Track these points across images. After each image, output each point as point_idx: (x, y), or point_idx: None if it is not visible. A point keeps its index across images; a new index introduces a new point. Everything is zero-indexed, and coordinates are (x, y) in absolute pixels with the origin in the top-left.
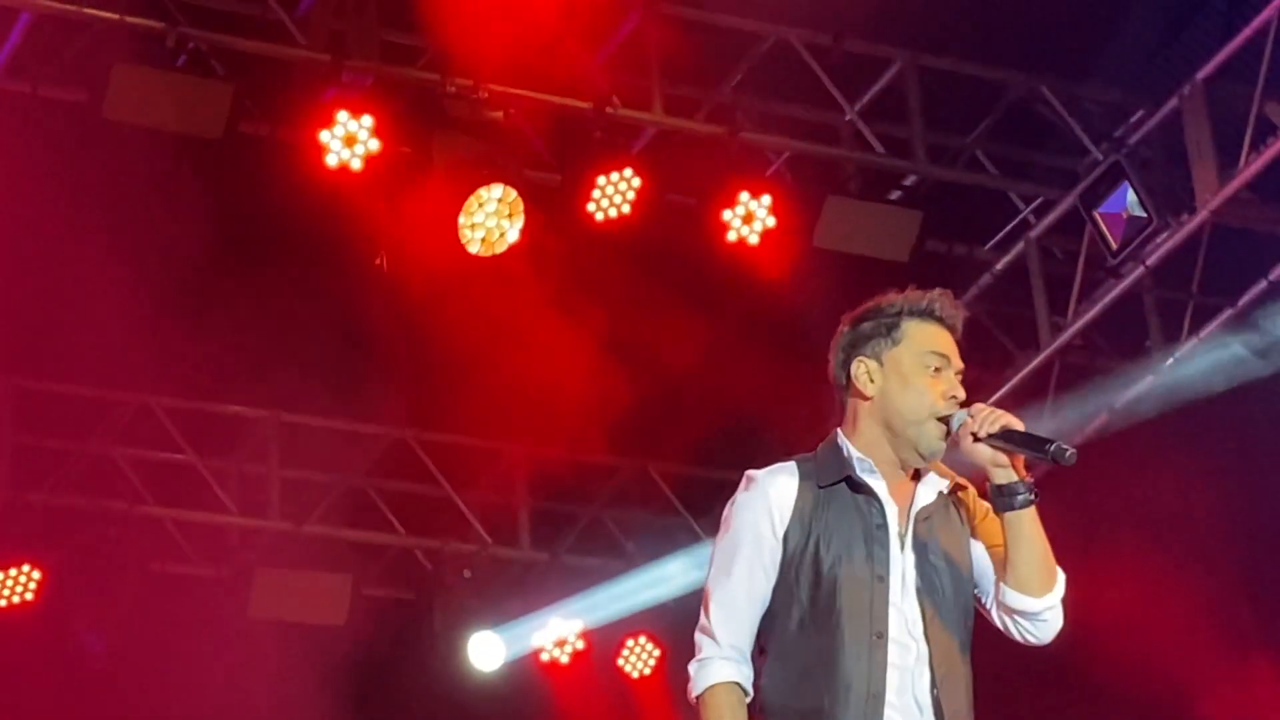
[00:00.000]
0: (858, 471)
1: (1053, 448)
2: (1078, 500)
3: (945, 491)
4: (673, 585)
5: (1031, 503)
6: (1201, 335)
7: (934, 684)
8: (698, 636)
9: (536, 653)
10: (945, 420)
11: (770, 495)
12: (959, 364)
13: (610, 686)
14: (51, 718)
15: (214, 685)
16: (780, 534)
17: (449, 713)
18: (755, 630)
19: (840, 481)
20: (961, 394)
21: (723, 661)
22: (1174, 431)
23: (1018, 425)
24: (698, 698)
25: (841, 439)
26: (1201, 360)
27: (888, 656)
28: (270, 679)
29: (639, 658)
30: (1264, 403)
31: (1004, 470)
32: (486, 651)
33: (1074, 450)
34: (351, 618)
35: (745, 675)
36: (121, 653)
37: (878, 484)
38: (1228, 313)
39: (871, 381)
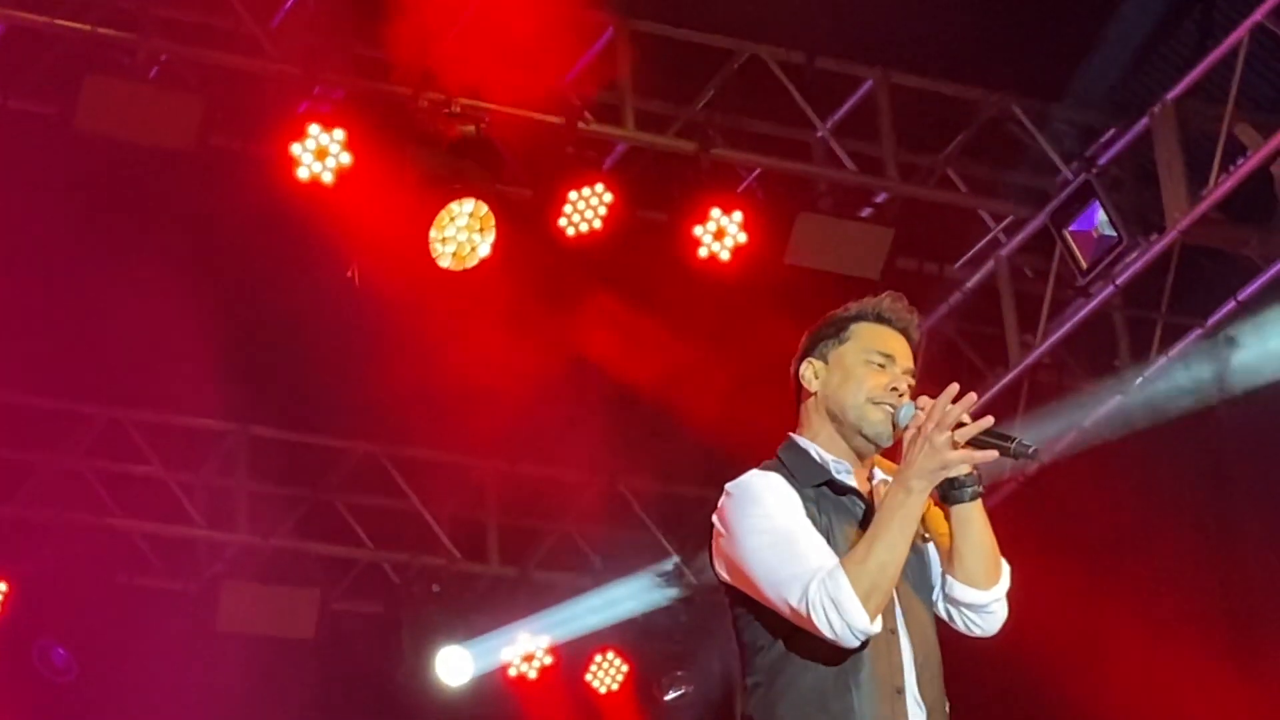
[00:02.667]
0: (835, 473)
1: (1015, 444)
2: (1046, 517)
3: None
4: (641, 601)
5: (980, 495)
6: (1170, 354)
7: (918, 673)
8: (794, 592)
9: (504, 668)
10: (886, 407)
11: (775, 485)
12: (908, 364)
13: (578, 702)
14: None
15: (181, 699)
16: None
17: None
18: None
19: (823, 484)
20: (904, 387)
21: (816, 571)
22: (1143, 449)
23: (967, 420)
24: (855, 601)
25: (804, 443)
26: (1170, 379)
27: (902, 654)
28: (238, 693)
29: (607, 673)
30: (1233, 420)
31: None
32: (454, 666)
33: (1036, 446)
34: (319, 632)
35: None
36: (88, 666)
37: (856, 484)
38: (1197, 332)
39: (815, 378)
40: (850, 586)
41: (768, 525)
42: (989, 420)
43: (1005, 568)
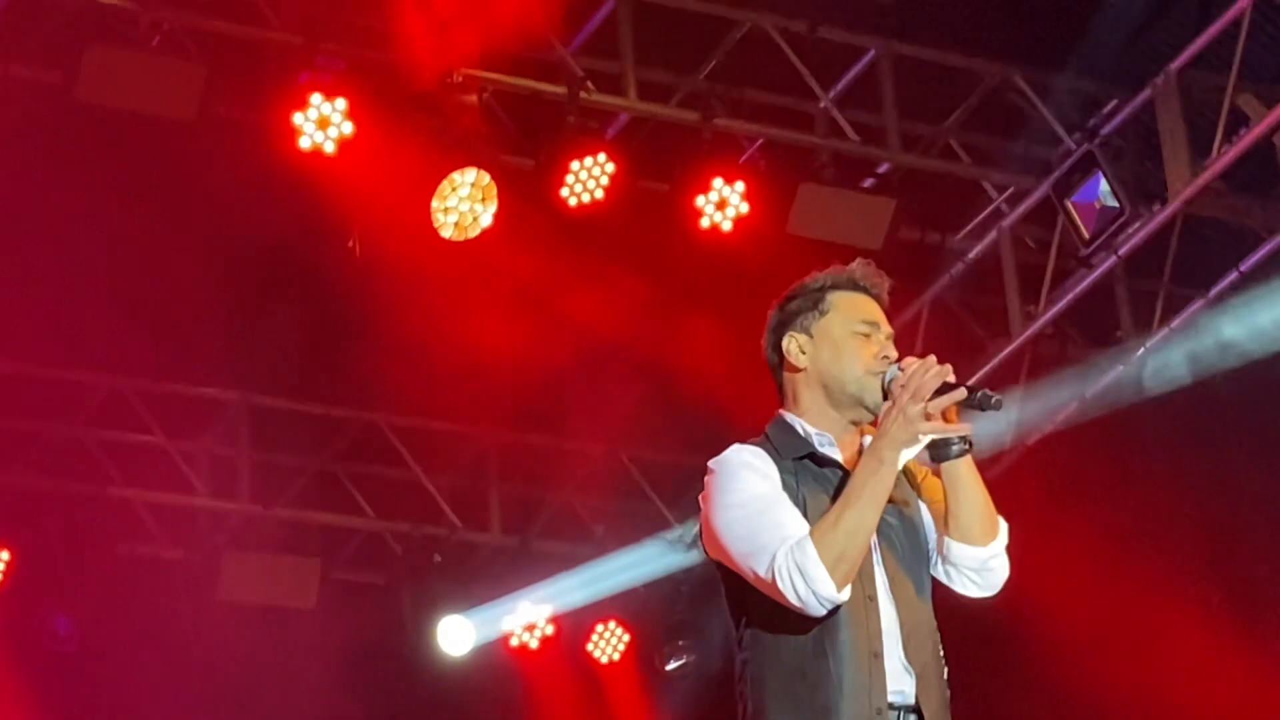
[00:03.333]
0: (818, 445)
1: (979, 395)
2: (1048, 486)
3: None
4: (642, 571)
5: (967, 452)
6: (1173, 325)
7: (904, 641)
8: (763, 561)
9: (506, 637)
10: (880, 377)
11: (754, 459)
12: (888, 329)
13: (579, 671)
14: (19, 699)
15: (183, 668)
16: (781, 489)
17: (417, 697)
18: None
19: (804, 457)
20: (894, 354)
21: (786, 541)
22: (1144, 420)
23: (949, 378)
24: (820, 569)
25: (791, 418)
26: (1172, 350)
27: (881, 621)
28: (239, 662)
29: (608, 643)
30: (1233, 392)
31: (938, 422)
32: (456, 636)
33: (1000, 397)
34: (320, 601)
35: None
36: (90, 634)
37: (838, 456)
38: (1199, 303)
39: (803, 353)
40: (817, 555)
41: (741, 498)
42: (961, 392)
43: (1003, 525)
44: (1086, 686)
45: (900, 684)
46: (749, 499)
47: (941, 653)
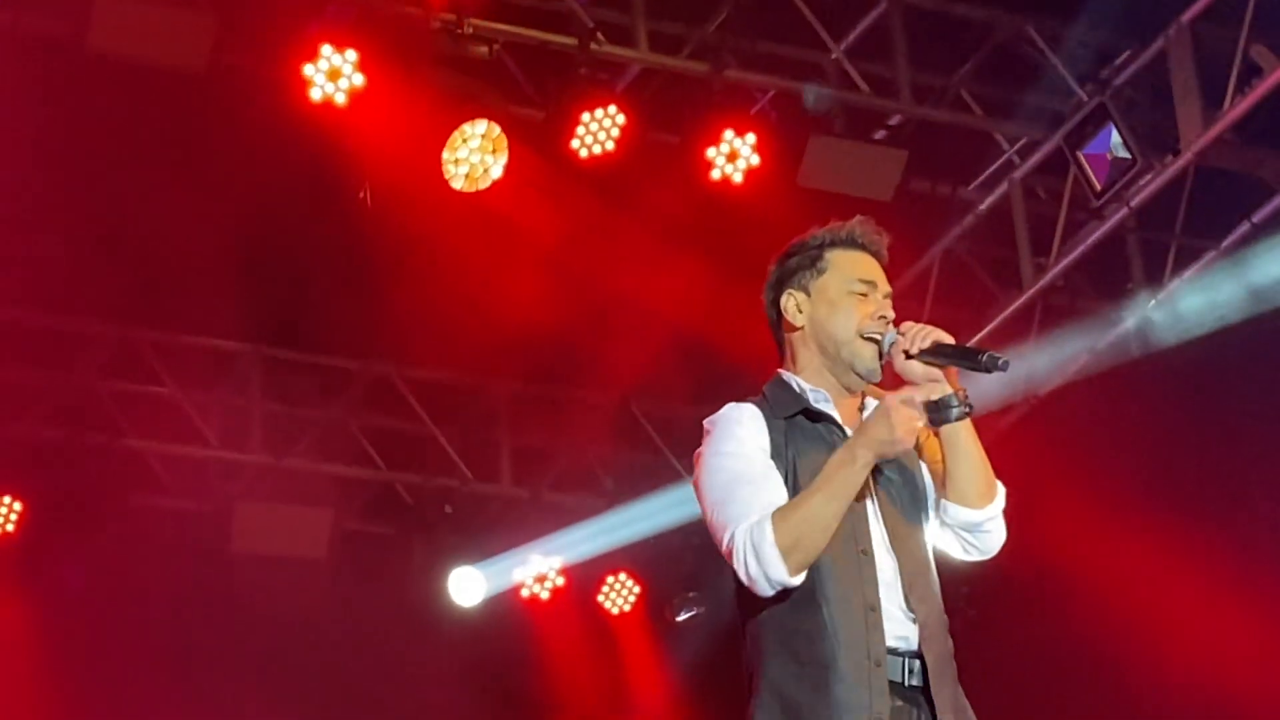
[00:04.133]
0: (813, 401)
1: (984, 357)
2: (1059, 439)
3: None
4: (653, 523)
5: (966, 415)
6: (1184, 277)
7: (905, 593)
8: (726, 539)
9: (517, 588)
10: (874, 340)
11: (744, 418)
12: (887, 287)
13: (590, 622)
14: (30, 649)
15: (194, 618)
16: (766, 449)
17: (428, 647)
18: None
19: (799, 413)
20: (891, 314)
21: (753, 514)
22: (1154, 371)
23: (948, 340)
24: (774, 556)
25: (787, 376)
26: (1185, 301)
27: (877, 573)
28: (250, 613)
29: (619, 594)
30: (1246, 344)
31: (939, 385)
32: (467, 587)
33: (1006, 358)
34: (332, 552)
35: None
36: (102, 585)
37: (833, 412)
38: (1211, 254)
39: (800, 311)
40: (773, 538)
41: (719, 465)
42: (945, 388)
43: (1000, 489)
44: (1094, 635)
45: (904, 633)
46: (726, 467)
47: (942, 607)
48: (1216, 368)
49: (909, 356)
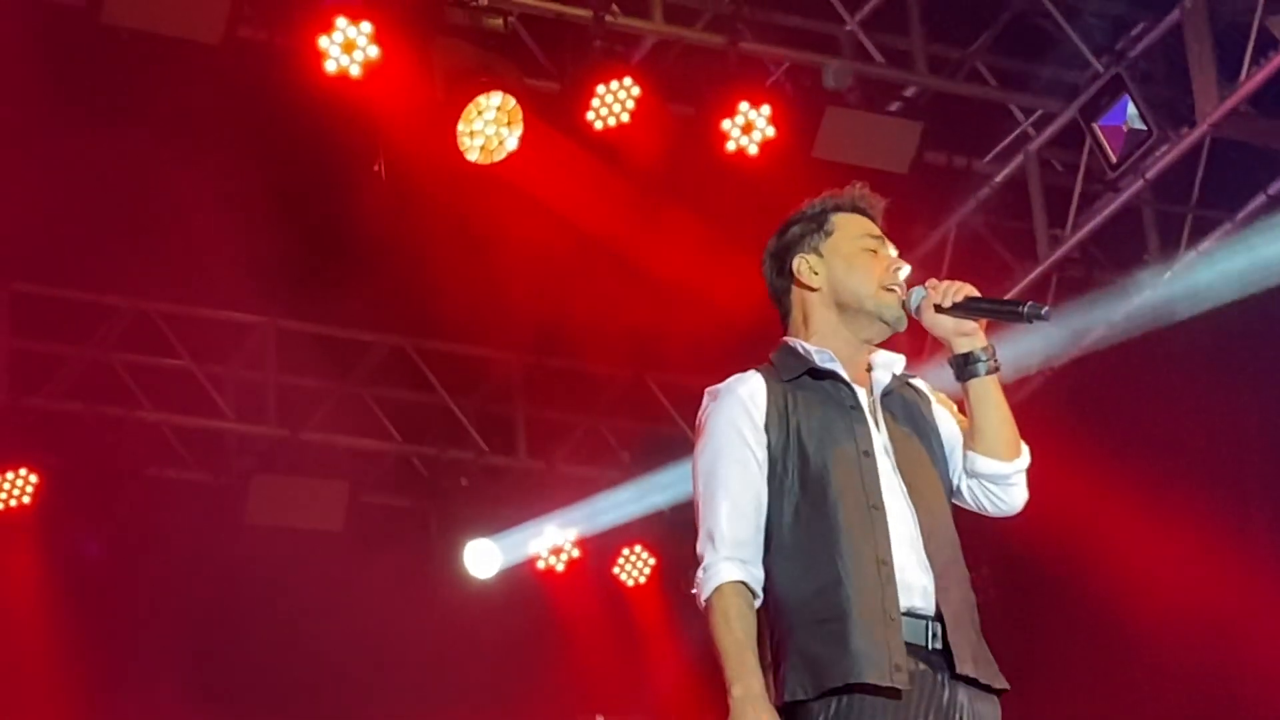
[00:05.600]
0: (818, 361)
1: (1026, 308)
2: (1074, 412)
3: (899, 372)
4: (668, 494)
5: (995, 369)
6: (1200, 249)
7: (925, 549)
8: (699, 547)
9: (532, 561)
10: (895, 289)
11: (742, 394)
12: (892, 246)
13: (605, 595)
14: (46, 621)
15: (210, 590)
16: (761, 423)
17: (444, 620)
18: (761, 527)
19: (803, 374)
20: (906, 267)
21: (726, 563)
22: (1170, 343)
23: (978, 294)
24: (705, 604)
25: (793, 342)
26: (1201, 273)
27: (889, 529)
28: (266, 585)
29: (634, 566)
30: (1262, 316)
31: (969, 339)
32: (482, 559)
33: (1048, 307)
34: (348, 524)
35: (753, 575)
36: (117, 557)
37: (840, 370)
38: (1226, 226)
39: (815, 273)
40: (708, 594)
41: (707, 467)
42: (976, 342)
43: (1024, 447)
44: (1112, 611)
45: (922, 583)
46: (713, 469)
47: (962, 560)
48: (1233, 340)
49: (940, 310)
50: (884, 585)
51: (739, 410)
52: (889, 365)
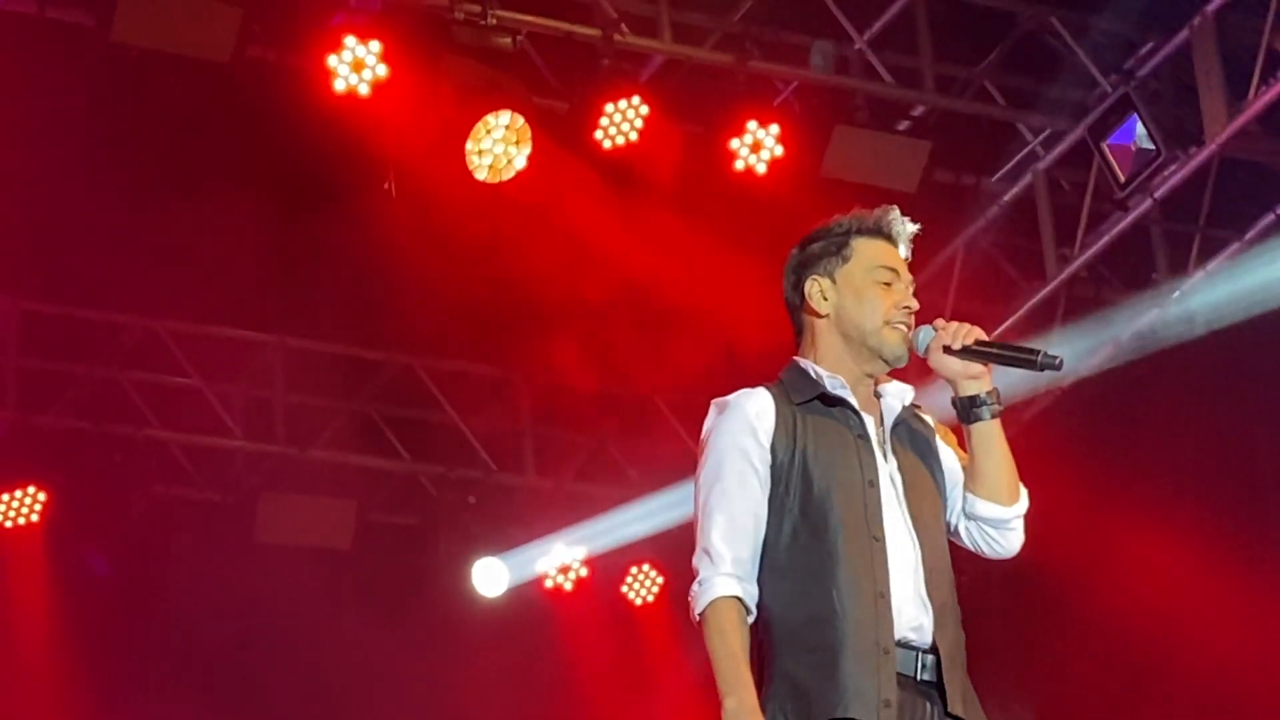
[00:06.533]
0: (829, 388)
1: (1040, 356)
2: (1083, 431)
3: (909, 403)
4: (676, 513)
5: (999, 413)
6: (1208, 268)
7: (925, 580)
8: (695, 561)
9: (540, 579)
10: (901, 328)
11: (749, 411)
12: (909, 277)
13: (614, 613)
14: (55, 638)
15: (218, 609)
16: (767, 444)
17: (452, 638)
18: (759, 545)
19: (814, 399)
20: (914, 305)
21: (722, 578)
22: (1179, 362)
23: (986, 338)
24: (699, 618)
25: (804, 363)
26: (1210, 293)
27: (887, 557)
28: (274, 603)
29: (642, 585)
30: (1271, 336)
31: (975, 381)
32: (490, 577)
33: (1060, 357)
34: (356, 543)
35: (748, 592)
36: (126, 575)
37: (850, 398)
38: (1235, 245)
39: (825, 299)
40: (701, 608)
41: (708, 481)
42: (981, 385)
43: (1024, 491)
44: (1117, 631)
45: (918, 621)
46: (714, 483)
47: (956, 594)
48: (1242, 359)
49: (949, 352)
50: (879, 618)
51: (744, 427)
52: (900, 395)
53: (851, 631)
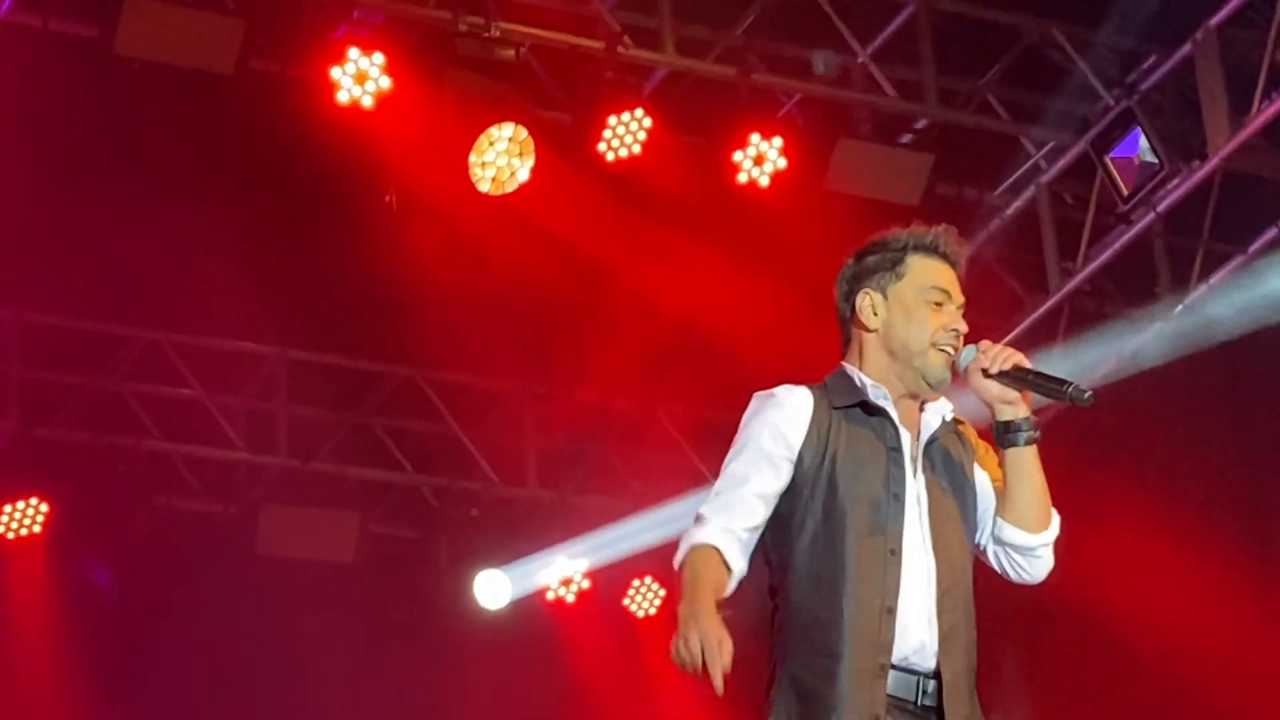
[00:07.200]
0: (872, 396)
1: (1070, 389)
2: (1083, 444)
3: (949, 418)
4: (678, 526)
5: (1035, 440)
6: (1211, 282)
7: (937, 599)
8: (691, 527)
9: (542, 592)
10: (946, 351)
11: (787, 405)
12: (960, 299)
13: (616, 626)
14: (56, 650)
15: (220, 621)
16: (796, 443)
17: (454, 651)
18: (754, 528)
19: (855, 405)
20: (963, 327)
21: (704, 530)
22: (1184, 377)
23: (1027, 363)
24: (678, 569)
25: (851, 369)
26: (1212, 306)
27: (901, 572)
28: (276, 615)
29: (644, 597)
30: (1274, 349)
31: (1011, 407)
32: (492, 590)
33: (1091, 392)
34: (358, 555)
35: (730, 549)
36: (127, 587)
37: (891, 409)
38: (1238, 259)
39: (875, 314)
40: (682, 556)
41: (730, 457)
42: (1019, 410)
43: (1055, 516)
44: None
45: (924, 638)
46: (733, 457)
47: (972, 624)
48: (1245, 373)
49: (988, 375)
50: (881, 632)
51: (778, 419)
52: (939, 410)
53: (854, 644)
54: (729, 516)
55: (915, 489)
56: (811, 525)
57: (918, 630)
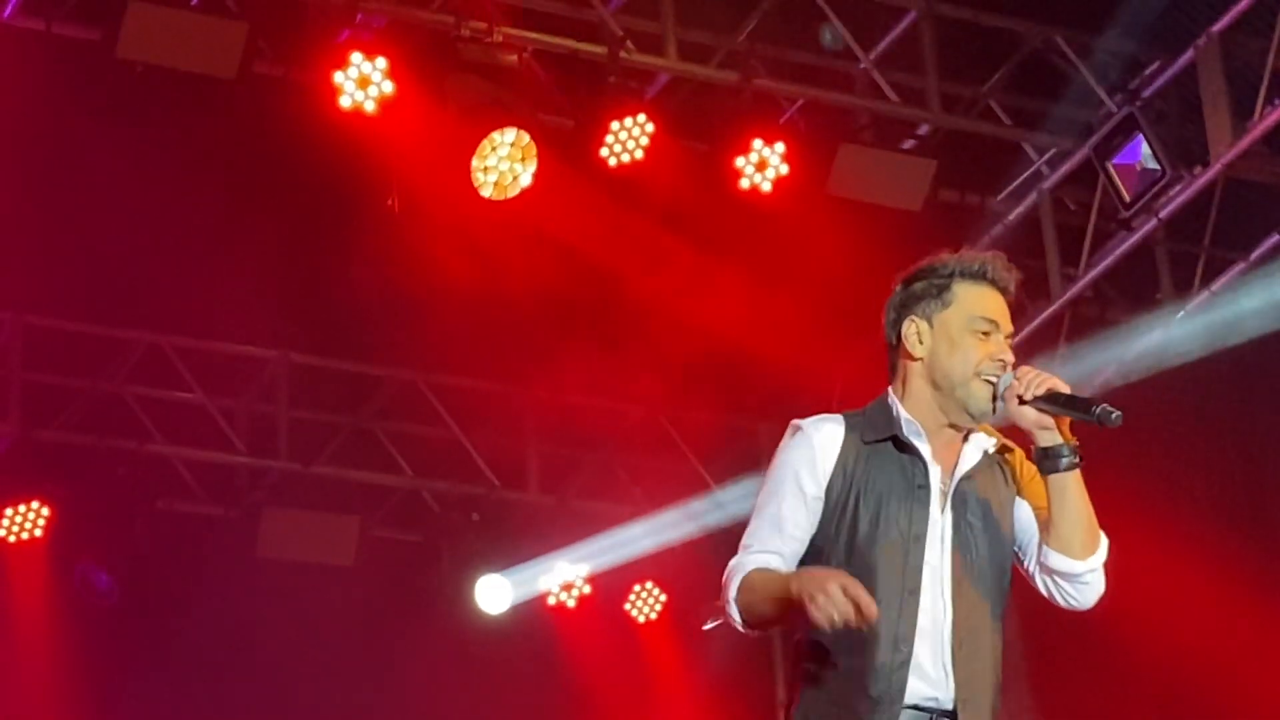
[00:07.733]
0: (904, 432)
1: (1098, 410)
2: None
3: (991, 451)
4: (680, 531)
5: (1076, 465)
6: (1213, 288)
7: (954, 646)
8: (732, 562)
9: (543, 596)
10: (990, 382)
11: (815, 442)
12: (1009, 328)
13: (617, 631)
14: (57, 653)
15: (221, 624)
16: (823, 481)
17: (455, 655)
18: (798, 553)
19: (887, 440)
20: (1009, 357)
21: (750, 556)
22: (1185, 384)
23: (1063, 388)
24: (732, 605)
25: (892, 399)
26: (1214, 312)
27: (918, 615)
28: (277, 619)
29: (645, 602)
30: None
31: (1048, 433)
32: (493, 594)
33: (1120, 413)
34: (359, 559)
35: (778, 566)
36: (129, 590)
37: (923, 446)
38: (1240, 266)
39: (920, 343)
40: (736, 591)
41: (765, 490)
42: (1056, 437)
43: (1104, 540)
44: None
45: (935, 689)
46: (766, 497)
47: (998, 666)
48: (1247, 379)
49: (1023, 402)
50: (894, 673)
51: (806, 457)
52: (980, 444)
53: (868, 682)
54: (772, 541)
55: (940, 528)
56: (837, 557)
57: (931, 672)
